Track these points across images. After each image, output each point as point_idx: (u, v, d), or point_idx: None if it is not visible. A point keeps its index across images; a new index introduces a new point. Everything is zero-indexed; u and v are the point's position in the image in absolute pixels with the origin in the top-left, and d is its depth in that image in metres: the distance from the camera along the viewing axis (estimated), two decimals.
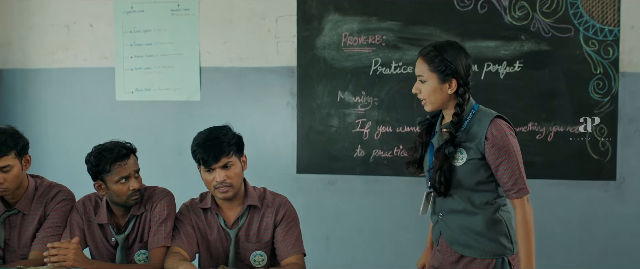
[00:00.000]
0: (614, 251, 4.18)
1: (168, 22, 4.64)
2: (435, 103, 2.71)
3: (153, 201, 3.07)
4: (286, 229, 2.96)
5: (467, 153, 2.65)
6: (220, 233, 2.98)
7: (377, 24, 4.34)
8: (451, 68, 2.64)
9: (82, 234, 3.06)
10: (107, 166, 2.96)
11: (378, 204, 4.44)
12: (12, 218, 3.17)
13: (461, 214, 2.71)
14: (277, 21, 4.49)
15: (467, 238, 2.70)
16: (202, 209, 3.02)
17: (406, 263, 4.42)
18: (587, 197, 4.19)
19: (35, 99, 4.98)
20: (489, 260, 2.68)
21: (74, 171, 4.58)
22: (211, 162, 2.85)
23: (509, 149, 2.61)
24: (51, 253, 2.75)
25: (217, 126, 2.99)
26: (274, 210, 2.97)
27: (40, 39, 4.94)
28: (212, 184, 2.89)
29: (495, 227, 2.68)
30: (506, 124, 2.67)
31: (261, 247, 2.96)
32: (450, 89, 2.67)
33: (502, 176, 2.62)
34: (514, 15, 4.17)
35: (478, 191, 2.68)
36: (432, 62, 2.66)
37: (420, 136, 2.84)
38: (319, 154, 4.47)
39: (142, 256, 3.05)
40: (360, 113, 4.40)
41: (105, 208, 3.08)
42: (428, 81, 2.68)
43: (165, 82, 4.67)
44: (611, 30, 4.08)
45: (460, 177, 2.67)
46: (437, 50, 2.68)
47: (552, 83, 4.15)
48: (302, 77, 4.46)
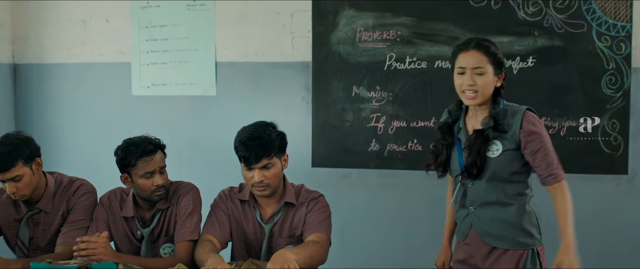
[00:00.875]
0: (626, 244, 4.22)
1: (184, 17, 4.67)
2: (486, 96, 2.73)
3: (179, 195, 3.11)
4: (315, 214, 2.98)
5: (502, 144, 2.70)
6: (255, 225, 3.02)
7: (391, 20, 4.37)
8: (503, 62, 2.72)
9: (108, 228, 3.10)
10: (132, 160, 3.01)
11: (392, 197, 4.49)
12: (35, 217, 3.20)
13: (494, 205, 2.75)
14: (293, 16, 4.53)
15: (500, 230, 2.75)
16: (240, 200, 3.06)
17: (420, 256, 4.45)
18: (599, 192, 4.22)
19: (52, 93, 5.02)
20: (521, 251, 2.74)
21: (90, 166, 4.65)
22: (251, 162, 2.87)
23: (543, 139, 2.68)
24: (80, 247, 2.78)
25: (262, 123, 2.99)
26: (306, 204, 3.01)
27: (56, 33, 4.97)
28: (250, 182, 2.92)
29: (527, 218, 2.74)
30: (535, 115, 2.74)
31: (293, 241, 3.00)
32: (499, 82, 2.72)
33: (540, 164, 2.67)
34: (527, 11, 4.20)
35: (511, 182, 2.74)
36: (490, 54, 2.70)
37: (443, 139, 2.86)
38: (334, 148, 4.51)
39: (167, 250, 3.10)
40: (375, 108, 4.45)
41: (131, 202, 3.13)
42: (487, 73, 2.70)
43: (181, 77, 4.71)
44: (624, 26, 4.11)
45: (495, 168, 2.71)
46: (490, 43, 2.73)
47: (565, 78, 4.18)
48: (317, 72, 4.50)
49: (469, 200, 2.82)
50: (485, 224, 2.78)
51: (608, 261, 4.22)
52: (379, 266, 4.53)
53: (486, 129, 2.72)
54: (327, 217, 3.02)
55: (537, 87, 4.19)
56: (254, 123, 3.00)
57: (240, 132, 2.96)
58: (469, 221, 2.84)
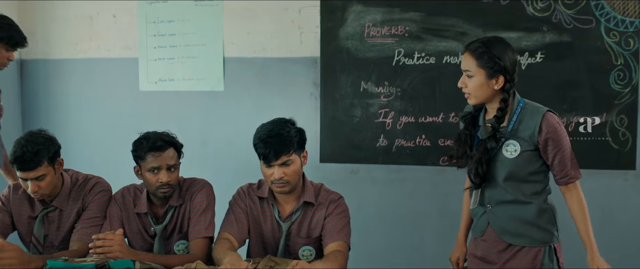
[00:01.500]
0: (634, 239, 4.23)
1: (191, 12, 4.67)
2: (480, 98, 2.75)
3: (192, 192, 3.11)
4: (335, 219, 2.98)
5: (521, 145, 2.71)
6: (273, 223, 3.01)
7: (400, 15, 4.37)
8: (499, 65, 2.69)
9: (121, 225, 3.10)
10: (142, 153, 3.02)
11: (400, 193, 4.49)
12: (50, 215, 3.20)
13: (512, 204, 2.77)
14: (301, 12, 4.53)
15: (518, 228, 2.77)
16: (258, 197, 3.06)
17: (428, 251, 4.48)
18: (606, 187, 4.23)
19: (59, 89, 5.03)
20: (537, 248, 2.75)
21: (97, 161, 4.66)
22: (271, 160, 2.86)
23: (562, 141, 2.69)
24: (96, 245, 2.78)
25: (281, 120, 2.99)
26: (325, 206, 3.00)
27: (63, 29, 4.97)
28: (270, 179, 2.90)
29: (544, 216, 2.76)
30: (556, 116, 2.74)
31: (311, 242, 2.99)
32: (497, 84, 2.71)
33: (558, 164, 2.69)
34: (536, 7, 4.20)
35: (529, 182, 2.75)
36: (480, 58, 2.70)
37: (466, 129, 2.87)
38: (342, 143, 4.52)
39: (181, 247, 3.10)
40: (383, 103, 4.45)
41: (145, 198, 3.13)
42: (475, 76, 2.72)
43: (188, 73, 4.71)
44: (632, 21, 4.11)
45: (512, 169, 2.73)
46: (486, 46, 2.71)
47: (573, 74, 4.19)
48: (325, 67, 4.50)
49: (486, 198, 2.83)
50: (502, 222, 2.80)
51: (616, 257, 4.19)
52: (387, 261, 4.54)
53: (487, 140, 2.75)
54: (347, 223, 3.02)
55: (546, 82, 4.19)
56: (273, 120, 2.99)
57: (259, 129, 2.95)
58: (486, 218, 2.86)
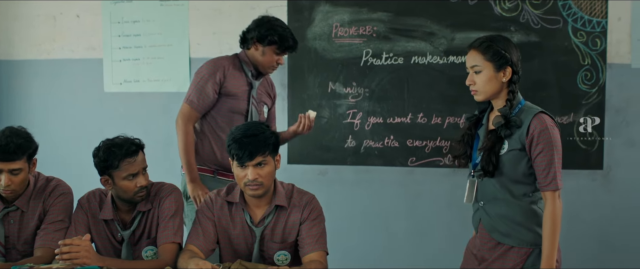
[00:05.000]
0: (601, 238, 4.26)
1: (157, 12, 4.63)
2: (488, 92, 2.75)
3: (161, 197, 3.05)
4: (310, 225, 2.93)
5: (509, 143, 2.71)
6: (244, 229, 2.95)
7: (367, 15, 4.36)
8: (506, 57, 2.71)
9: (88, 231, 3.03)
10: (115, 162, 2.93)
11: (369, 194, 4.49)
12: (11, 215, 3.13)
13: (501, 203, 2.77)
14: (268, 12, 4.45)
15: (506, 227, 2.76)
16: (228, 202, 3.01)
17: (397, 251, 4.48)
18: (575, 186, 4.24)
19: (22, 91, 4.96)
20: (526, 249, 2.75)
21: (62, 164, 4.57)
22: (245, 160, 2.81)
23: (549, 142, 2.67)
24: (63, 251, 2.70)
25: (255, 122, 3.00)
26: (300, 209, 2.95)
27: (26, 30, 4.91)
28: (243, 181, 2.85)
29: (533, 218, 2.75)
30: (550, 119, 2.72)
31: (286, 247, 2.94)
32: (505, 77, 2.72)
33: (538, 166, 2.67)
34: (503, 7, 4.21)
35: (518, 183, 2.74)
36: (487, 51, 2.72)
37: (469, 129, 2.89)
38: (310, 144, 4.49)
39: (149, 253, 3.03)
40: (351, 104, 4.43)
41: (110, 204, 3.06)
42: (483, 70, 2.72)
43: (154, 74, 4.65)
44: (599, 21, 4.13)
45: (502, 166, 2.73)
46: (491, 40, 2.74)
47: (541, 74, 4.21)
48: (292, 68, 4.48)
49: (479, 194, 2.85)
50: (492, 220, 2.81)
51: (583, 254, 4.26)
52: (356, 262, 4.51)
53: (498, 127, 2.75)
54: (324, 229, 2.99)
55: None
56: (247, 122, 2.99)
57: (234, 130, 2.90)
58: (478, 215, 2.88)
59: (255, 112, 3.68)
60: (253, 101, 3.67)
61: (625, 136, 4.18)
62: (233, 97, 3.64)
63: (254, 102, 3.67)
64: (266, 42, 3.58)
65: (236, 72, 3.66)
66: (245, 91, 3.66)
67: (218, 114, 3.66)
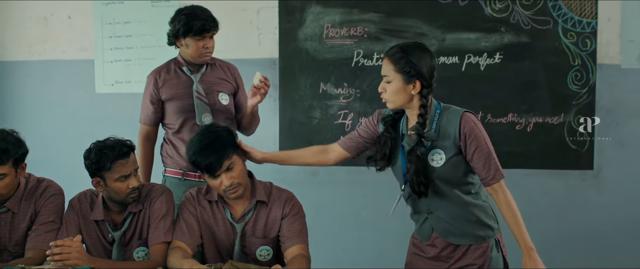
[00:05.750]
0: (591, 238, 4.28)
1: (148, 13, 4.63)
2: (397, 102, 2.75)
3: (151, 198, 3.05)
4: (291, 220, 2.94)
5: (446, 152, 2.72)
6: (226, 226, 2.97)
7: (358, 16, 4.37)
8: (416, 69, 2.69)
9: (79, 232, 3.03)
10: (108, 163, 2.92)
11: (360, 195, 4.50)
12: (2, 216, 3.13)
13: (450, 208, 2.78)
14: (259, 13, 4.50)
15: (462, 228, 2.79)
16: (208, 201, 3.01)
17: (388, 252, 4.46)
18: (565, 187, 4.28)
19: (13, 92, 4.97)
20: (485, 244, 2.79)
21: (53, 165, 4.56)
22: (214, 170, 2.82)
23: (480, 138, 2.70)
24: (54, 252, 2.70)
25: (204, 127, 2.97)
26: (280, 205, 2.96)
27: (17, 31, 4.91)
28: (221, 189, 2.86)
29: (484, 213, 2.79)
30: (472, 115, 2.75)
31: (268, 242, 2.95)
32: (414, 89, 2.71)
33: (477, 163, 2.69)
34: (494, 8, 4.22)
35: (462, 184, 2.77)
36: (397, 63, 2.71)
37: (386, 131, 2.86)
38: (302, 145, 4.43)
39: (141, 253, 3.03)
40: (343, 104, 4.44)
41: (101, 205, 3.06)
42: (393, 81, 2.73)
43: (145, 74, 4.60)
44: (589, 22, 4.15)
45: (444, 176, 2.74)
46: (403, 51, 2.72)
47: (532, 74, 4.22)
48: (284, 69, 4.49)
49: (422, 206, 2.84)
50: (446, 225, 2.82)
51: (574, 255, 4.27)
52: (347, 263, 4.53)
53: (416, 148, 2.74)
54: (304, 224, 3.00)
55: (504, 83, 4.22)
56: (198, 132, 2.95)
57: (190, 145, 2.89)
58: (428, 224, 2.87)
59: (203, 106, 3.61)
60: (198, 95, 3.61)
61: (615, 136, 4.20)
62: (176, 99, 3.64)
63: (200, 96, 3.61)
64: (181, 34, 3.56)
65: (171, 75, 3.66)
66: (187, 88, 3.64)
67: (171, 120, 3.67)
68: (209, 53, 3.61)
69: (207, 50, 3.59)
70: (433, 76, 2.74)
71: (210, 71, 3.68)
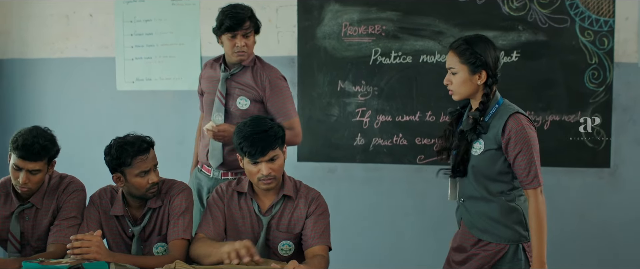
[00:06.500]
0: (608, 236, 4.29)
1: (169, 11, 4.68)
2: (463, 94, 2.83)
3: (171, 195, 3.10)
4: (315, 220, 2.99)
5: (485, 144, 2.78)
6: (252, 218, 3.02)
7: (376, 14, 4.41)
8: (481, 60, 2.77)
9: (100, 227, 3.09)
10: (128, 159, 2.98)
11: (377, 191, 4.53)
12: (26, 212, 3.19)
13: (479, 201, 2.84)
14: (278, 11, 4.54)
15: (484, 224, 2.84)
16: (238, 192, 3.07)
17: (405, 248, 4.52)
18: (582, 185, 4.30)
19: (35, 89, 5.01)
20: (503, 245, 2.82)
21: (74, 162, 4.60)
22: (258, 156, 2.87)
23: (527, 142, 2.74)
24: (74, 245, 2.75)
25: (260, 117, 3.03)
26: (307, 203, 3.01)
27: (39, 28, 4.96)
28: (256, 176, 2.91)
29: (510, 215, 2.81)
30: (526, 119, 2.79)
31: (291, 237, 3.00)
32: (480, 80, 2.79)
33: (518, 166, 2.74)
34: (511, 6, 4.24)
35: (495, 181, 2.81)
36: (463, 54, 2.79)
37: (450, 125, 2.97)
38: (320, 142, 4.55)
39: (160, 249, 3.09)
40: (360, 102, 4.48)
41: (121, 200, 3.11)
42: (459, 73, 2.80)
43: (166, 72, 4.71)
44: (606, 21, 4.16)
45: (478, 166, 2.81)
46: (468, 43, 2.80)
47: (549, 73, 4.24)
48: (302, 66, 4.54)
49: (459, 192, 2.92)
50: (472, 217, 2.88)
51: (591, 253, 4.30)
52: (364, 259, 4.57)
53: (466, 130, 2.83)
54: (328, 224, 3.05)
55: (521, 81, 4.24)
56: (252, 118, 3.01)
57: (242, 128, 2.94)
58: (459, 212, 2.97)
59: (219, 105, 3.62)
60: (218, 94, 3.63)
61: (632, 134, 4.21)
62: (206, 93, 3.75)
63: (220, 95, 3.63)
64: (217, 32, 3.61)
65: (211, 70, 3.74)
66: (215, 85, 3.67)
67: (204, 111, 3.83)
68: (242, 52, 3.56)
69: (238, 48, 3.55)
70: (497, 66, 2.83)
71: (242, 72, 3.63)
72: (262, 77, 3.62)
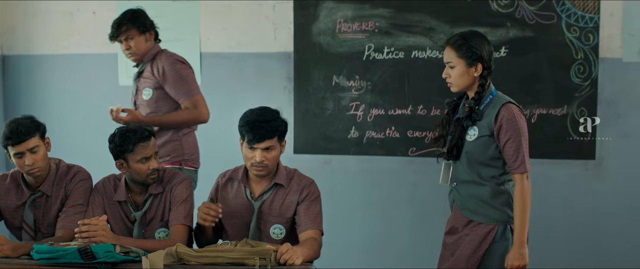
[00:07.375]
0: (593, 226, 4.39)
1: (169, 9, 4.77)
2: (461, 85, 3.04)
3: (173, 184, 3.27)
4: (307, 205, 3.13)
5: (479, 130, 2.98)
6: (245, 202, 3.18)
7: (370, 11, 4.52)
8: (477, 54, 2.98)
9: (104, 212, 3.25)
10: (130, 146, 3.16)
11: (371, 182, 4.64)
12: (38, 201, 3.36)
13: (470, 184, 3.04)
14: (275, 8, 4.65)
15: (475, 205, 3.03)
16: (232, 179, 3.24)
17: (397, 237, 4.63)
18: (568, 176, 4.39)
19: (40, 85, 5.11)
20: (492, 225, 3.01)
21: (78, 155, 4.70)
22: (255, 142, 3.03)
23: (517, 129, 2.93)
24: (82, 229, 2.93)
25: (268, 108, 3.17)
26: (298, 189, 3.16)
27: (44, 25, 5.05)
28: (250, 161, 3.08)
29: (499, 197, 3.01)
30: (517, 108, 3.00)
31: (282, 222, 3.15)
32: (476, 72, 3.00)
33: (507, 151, 2.94)
34: (500, 3, 4.35)
35: (487, 166, 3.01)
36: (459, 49, 2.99)
37: (447, 114, 3.17)
38: (315, 135, 4.66)
39: (162, 234, 3.25)
40: (354, 96, 4.59)
41: (123, 186, 3.28)
42: (456, 66, 3.01)
43: None
44: (591, 17, 4.26)
45: (471, 151, 3.01)
46: (464, 38, 3.01)
47: (536, 68, 4.34)
48: (298, 62, 4.64)
49: (452, 177, 3.11)
50: (464, 199, 3.07)
51: (577, 242, 4.40)
52: (358, 248, 4.69)
53: (462, 117, 3.03)
54: (320, 209, 3.19)
55: (509, 76, 4.33)
56: (261, 107, 3.17)
57: (248, 113, 3.13)
58: (452, 195, 3.16)
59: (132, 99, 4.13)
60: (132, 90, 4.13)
61: (616, 127, 4.30)
62: None
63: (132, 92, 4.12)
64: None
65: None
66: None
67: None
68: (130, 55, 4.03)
69: (127, 52, 4.03)
70: (491, 59, 3.03)
71: (145, 68, 4.04)
72: (158, 66, 3.96)
